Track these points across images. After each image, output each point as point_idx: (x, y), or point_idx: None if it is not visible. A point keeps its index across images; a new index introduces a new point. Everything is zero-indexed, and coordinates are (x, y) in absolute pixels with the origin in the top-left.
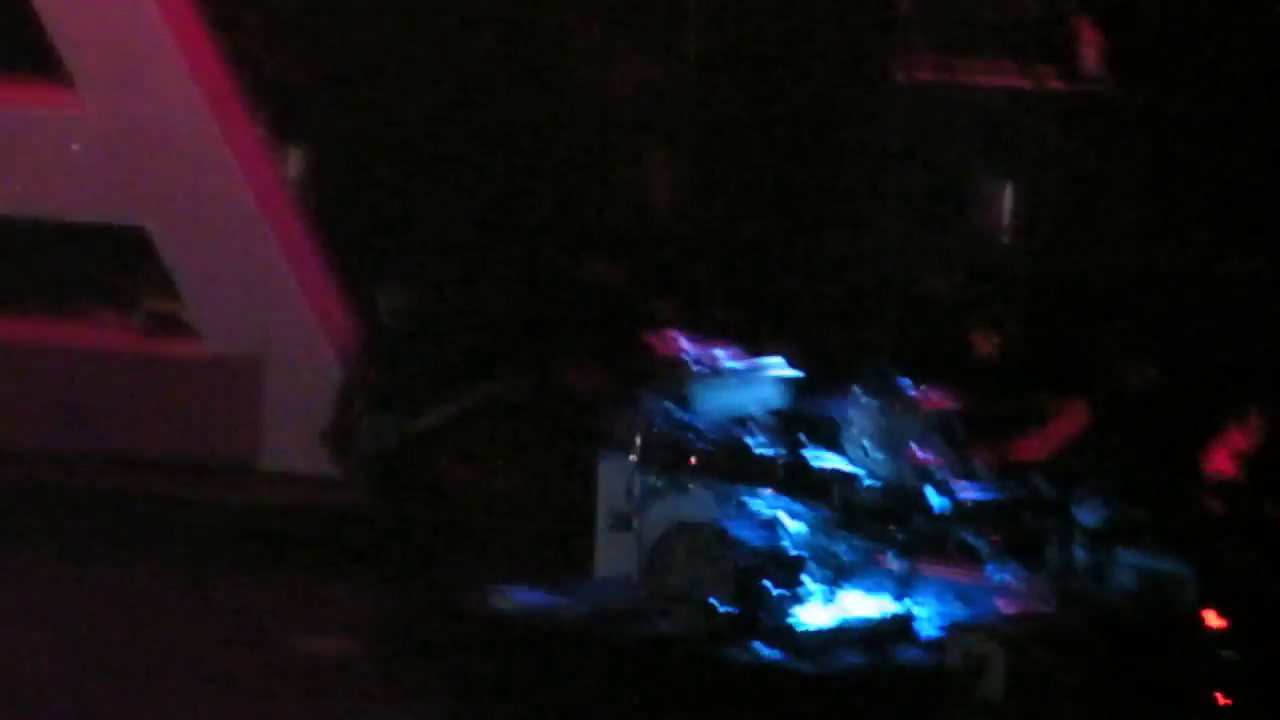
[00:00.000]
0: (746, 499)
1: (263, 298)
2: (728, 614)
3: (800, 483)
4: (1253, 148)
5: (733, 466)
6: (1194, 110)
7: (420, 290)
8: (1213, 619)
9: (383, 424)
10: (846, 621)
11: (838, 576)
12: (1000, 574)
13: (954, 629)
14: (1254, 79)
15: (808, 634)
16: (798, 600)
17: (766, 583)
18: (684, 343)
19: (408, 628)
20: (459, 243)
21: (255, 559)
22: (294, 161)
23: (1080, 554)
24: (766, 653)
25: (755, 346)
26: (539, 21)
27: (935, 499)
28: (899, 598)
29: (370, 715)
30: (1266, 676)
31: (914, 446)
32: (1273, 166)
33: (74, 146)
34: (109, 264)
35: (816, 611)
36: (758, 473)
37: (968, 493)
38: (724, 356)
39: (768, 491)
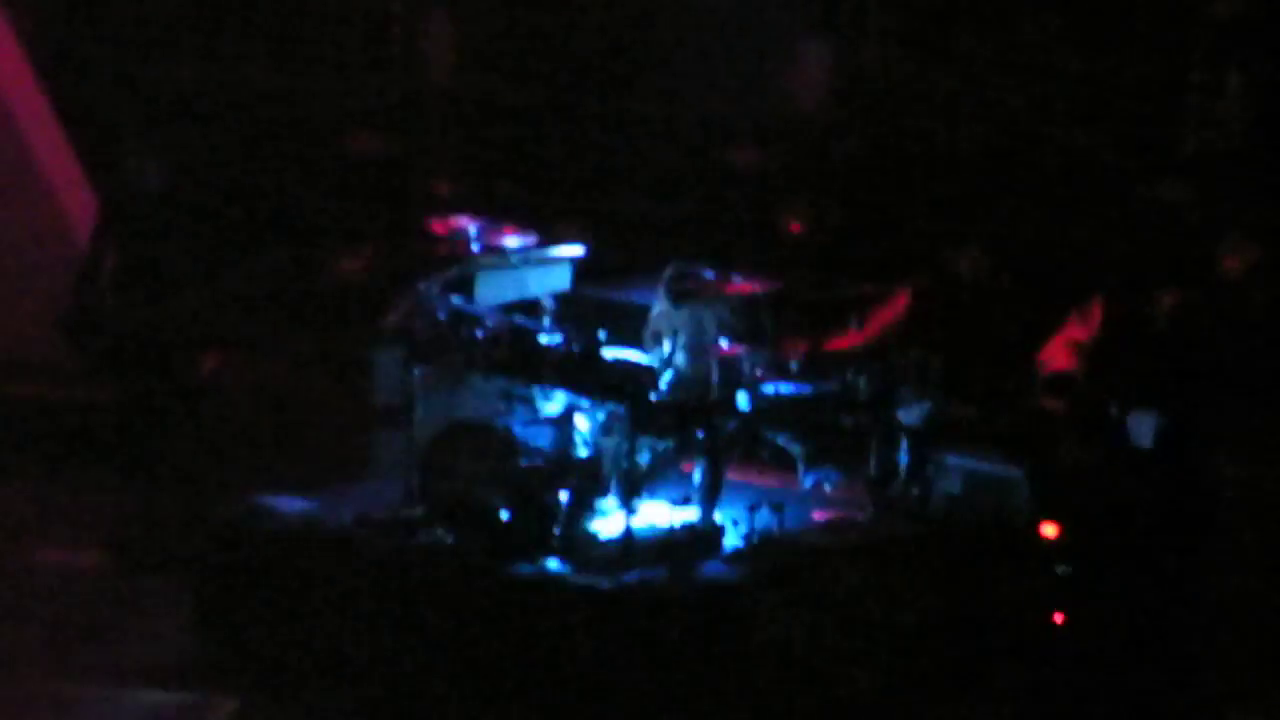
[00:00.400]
0: (533, 396)
1: None
2: (511, 524)
3: (593, 378)
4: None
5: (518, 359)
6: None
7: (173, 158)
8: (1046, 528)
9: (130, 308)
10: (643, 532)
11: (634, 483)
12: (813, 479)
13: (761, 540)
14: None
15: (600, 546)
16: (589, 509)
17: (554, 489)
18: (466, 223)
19: (157, 537)
20: (218, 111)
21: None
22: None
23: (901, 456)
24: (553, 567)
25: (545, 226)
26: None
27: (741, 397)
28: (701, 506)
29: (118, 632)
30: (1104, 592)
31: (718, 337)
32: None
33: None
34: None
35: (610, 522)
36: (546, 367)
37: (778, 389)
38: (510, 238)
39: (557, 388)
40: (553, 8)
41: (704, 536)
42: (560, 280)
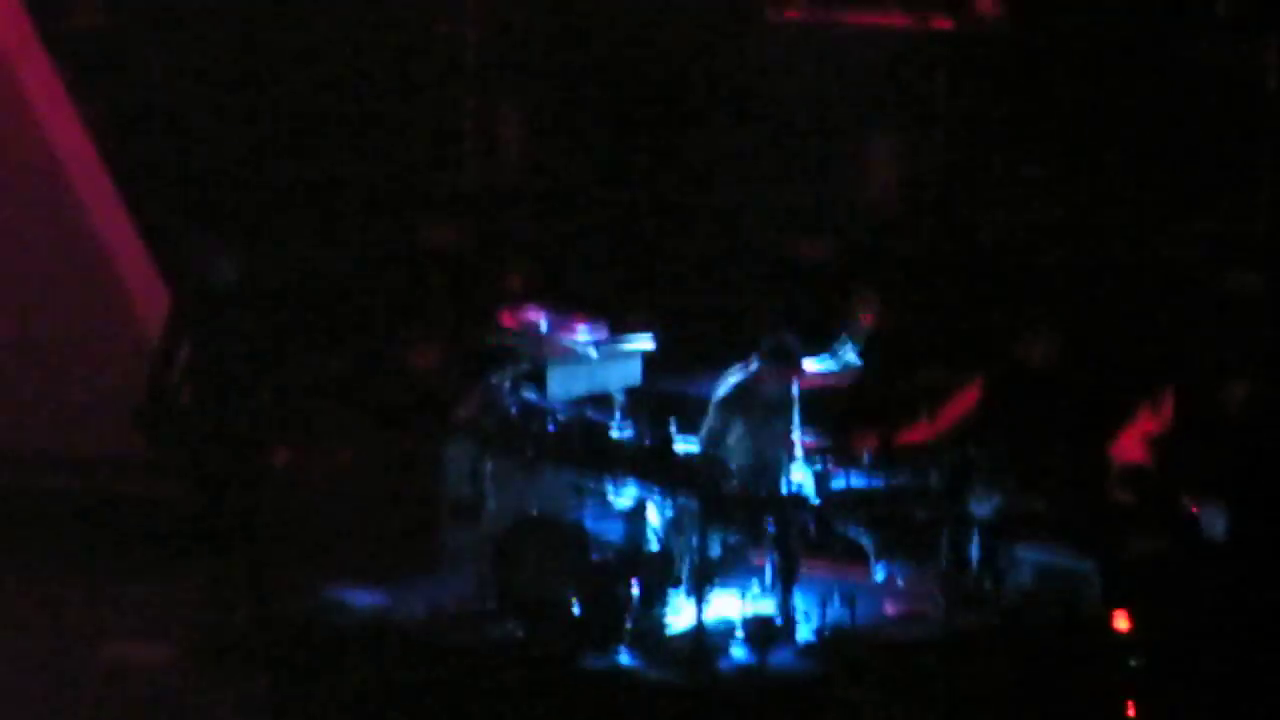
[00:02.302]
0: (604, 489)
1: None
2: (582, 617)
3: (664, 471)
4: (1164, 90)
5: (589, 453)
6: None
7: (245, 255)
8: (1119, 620)
9: (203, 401)
10: (715, 625)
11: (706, 575)
12: (885, 572)
13: (833, 633)
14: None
15: (672, 639)
16: (661, 602)
17: (626, 583)
18: (537, 316)
19: (229, 632)
20: (289, 205)
21: (60, 553)
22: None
23: (974, 549)
24: (626, 660)
25: (615, 320)
26: None
27: (813, 489)
28: (775, 597)
29: None
30: (1175, 682)
31: (790, 430)
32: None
33: None
34: None
35: (682, 614)
36: (617, 460)
37: (850, 481)
38: (581, 331)
39: (628, 481)
40: (624, 105)
41: (776, 629)
42: (631, 374)
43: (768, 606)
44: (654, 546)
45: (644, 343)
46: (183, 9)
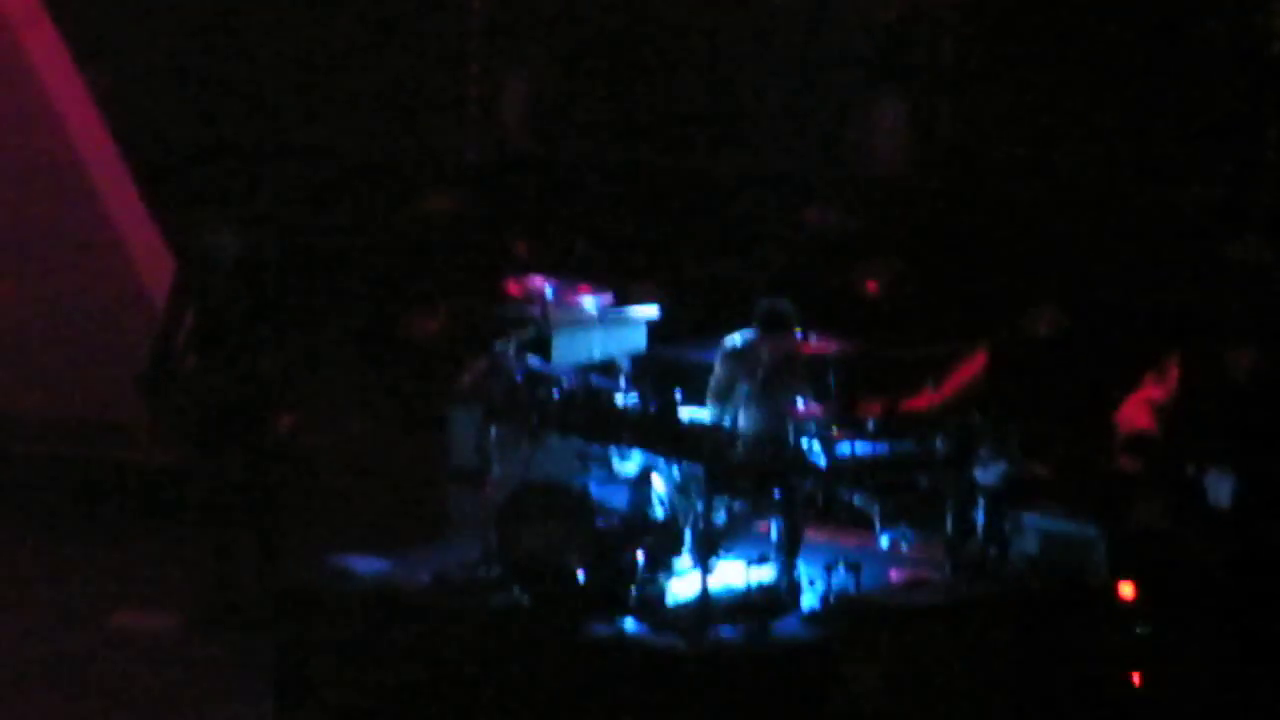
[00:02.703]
0: (609, 456)
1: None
2: (588, 584)
3: (669, 438)
4: (1172, 53)
5: (594, 420)
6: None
7: (250, 223)
8: (1125, 588)
9: (207, 369)
10: (720, 593)
11: (711, 543)
12: (890, 539)
13: (839, 600)
14: None
15: (677, 607)
16: (666, 569)
17: (630, 550)
18: (542, 283)
19: (232, 599)
20: (293, 173)
21: (61, 521)
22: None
23: (978, 516)
24: (631, 628)
25: (621, 286)
26: None
27: (818, 456)
28: (779, 566)
29: (197, 697)
30: (1182, 652)
31: (795, 397)
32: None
33: None
34: None
35: (687, 582)
36: (622, 427)
37: (854, 449)
38: (586, 298)
39: (633, 448)
40: (630, 70)
41: (780, 596)
42: (636, 340)
43: (772, 574)
44: (659, 514)
45: (649, 310)
46: None
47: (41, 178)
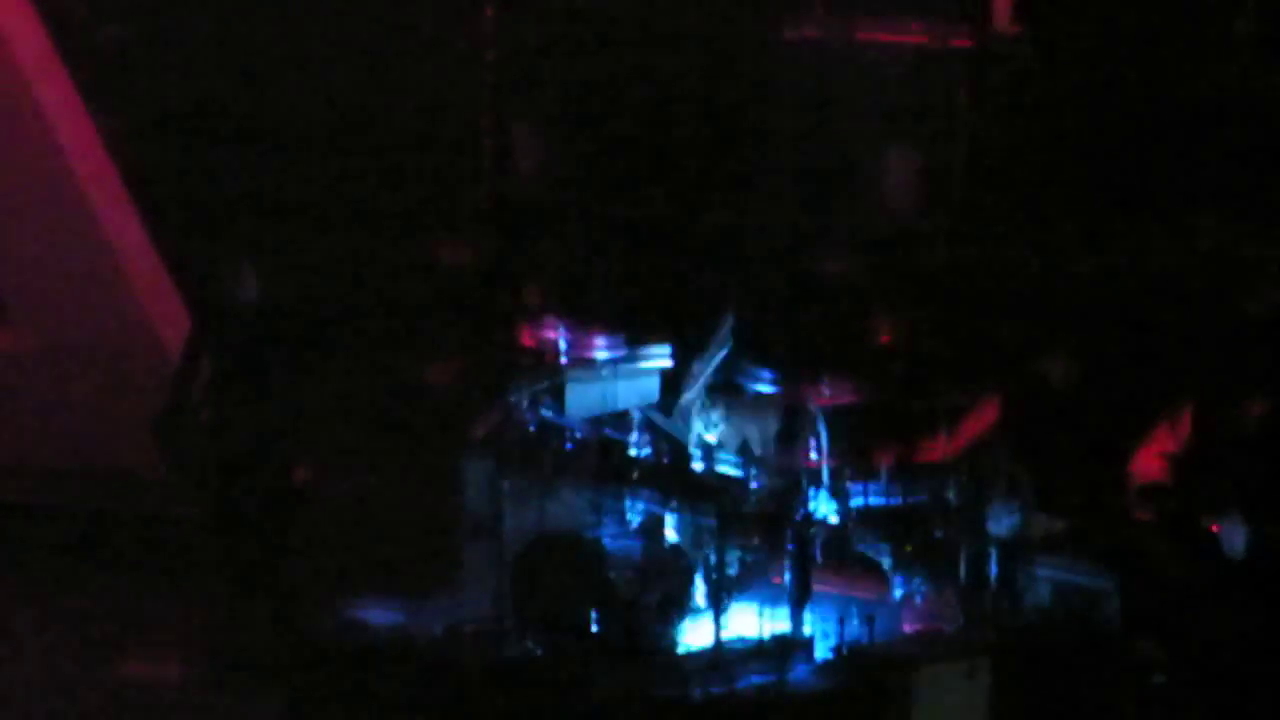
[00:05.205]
0: (622, 506)
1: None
2: (600, 634)
3: (681, 487)
4: (1184, 111)
5: (607, 470)
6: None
7: (264, 271)
8: (1139, 639)
9: (223, 417)
10: (732, 642)
11: (723, 591)
12: (903, 588)
13: (851, 650)
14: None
15: (689, 656)
16: (678, 618)
17: (643, 599)
18: (555, 333)
19: (247, 649)
20: (307, 221)
21: (77, 569)
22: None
23: (991, 567)
24: (643, 678)
25: (635, 335)
26: None
27: (831, 505)
28: (791, 615)
29: None
30: (1197, 703)
31: (808, 446)
32: (1206, 135)
33: None
34: None
35: (699, 631)
36: (635, 477)
37: (867, 499)
38: (599, 348)
39: (645, 497)
40: (642, 119)
41: (793, 646)
42: (649, 390)
43: (785, 623)
44: (672, 564)
45: (662, 360)
46: (201, 25)
47: (51, 224)
